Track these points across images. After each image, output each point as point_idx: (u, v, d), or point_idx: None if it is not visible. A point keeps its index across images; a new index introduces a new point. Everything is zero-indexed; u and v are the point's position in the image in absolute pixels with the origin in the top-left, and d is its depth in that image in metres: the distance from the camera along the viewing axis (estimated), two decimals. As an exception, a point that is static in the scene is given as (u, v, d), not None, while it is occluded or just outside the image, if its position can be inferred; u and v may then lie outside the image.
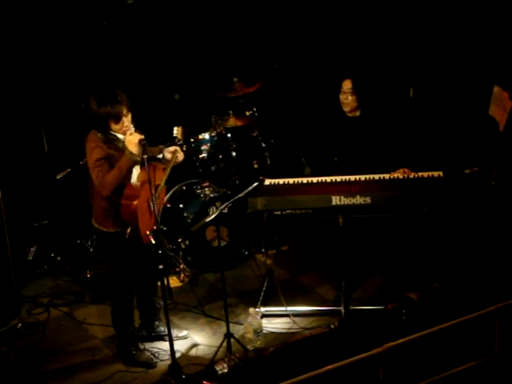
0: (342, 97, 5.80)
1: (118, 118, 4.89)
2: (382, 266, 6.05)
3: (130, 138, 4.88)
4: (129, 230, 4.98)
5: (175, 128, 5.51)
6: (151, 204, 4.93)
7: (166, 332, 5.32)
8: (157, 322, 5.50)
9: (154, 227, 4.93)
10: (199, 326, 5.70)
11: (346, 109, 5.81)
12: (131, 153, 4.86)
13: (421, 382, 4.11)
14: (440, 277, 5.39)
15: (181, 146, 5.47)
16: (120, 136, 4.97)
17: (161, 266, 4.83)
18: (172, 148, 5.27)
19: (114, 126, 4.92)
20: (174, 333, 5.38)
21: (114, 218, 4.99)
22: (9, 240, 5.64)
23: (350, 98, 5.75)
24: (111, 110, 4.86)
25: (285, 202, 5.49)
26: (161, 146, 5.36)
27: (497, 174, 6.36)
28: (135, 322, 5.40)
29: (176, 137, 5.47)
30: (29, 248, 6.55)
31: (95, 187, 4.98)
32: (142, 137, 4.87)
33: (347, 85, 5.76)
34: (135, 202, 4.90)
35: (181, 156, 5.25)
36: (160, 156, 5.29)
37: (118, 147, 4.95)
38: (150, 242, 4.88)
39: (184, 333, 5.53)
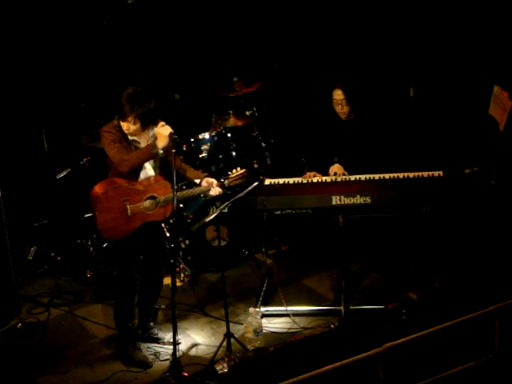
0: (337, 108, 5.76)
1: (124, 116, 4.87)
2: (381, 265, 6.05)
3: (161, 130, 4.83)
4: (89, 214, 4.95)
5: (238, 169, 5.23)
6: (128, 208, 4.90)
7: (160, 335, 5.42)
8: (151, 324, 5.46)
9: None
10: (199, 326, 5.70)
11: (342, 116, 5.81)
12: (155, 146, 4.82)
13: (421, 381, 4.11)
14: (440, 277, 5.39)
15: (223, 188, 5.21)
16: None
17: (171, 261, 4.80)
18: (211, 180, 5.19)
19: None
20: (167, 338, 5.38)
21: None
22: (9, 240, 5.64)
23: (345, 108, 5.74)
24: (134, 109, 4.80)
25: (285, 202, 5.50)
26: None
27: (497, 174, 6.35)
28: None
29: (227, 178, 5.18)
30: (29, 248, 6.54)
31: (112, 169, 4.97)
32: (172, 131, 4.82)
33: (339, 95, 5.72)
34: (101, 191, 4.89)
35: (214, 192, 5.17)
36: (197, 180, 5.22)
37: (128, 141, 4.94)
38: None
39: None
